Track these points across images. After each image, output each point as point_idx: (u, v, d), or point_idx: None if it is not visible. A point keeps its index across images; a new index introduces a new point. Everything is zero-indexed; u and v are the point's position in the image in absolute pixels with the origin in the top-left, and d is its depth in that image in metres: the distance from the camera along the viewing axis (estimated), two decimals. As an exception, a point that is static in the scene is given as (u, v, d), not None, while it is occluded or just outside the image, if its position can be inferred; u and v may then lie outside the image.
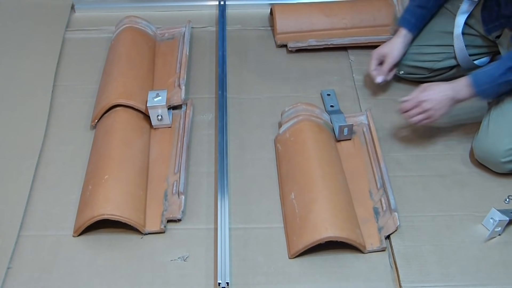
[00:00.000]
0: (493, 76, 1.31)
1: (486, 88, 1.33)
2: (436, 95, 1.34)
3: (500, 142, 1.34)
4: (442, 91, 1.34)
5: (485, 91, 1.34)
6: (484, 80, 1.32)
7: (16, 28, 1.84)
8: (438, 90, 1.35)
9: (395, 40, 1.55)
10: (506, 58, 1.31)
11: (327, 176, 1.32)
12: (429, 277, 1.21)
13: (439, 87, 1.35)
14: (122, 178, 1.32)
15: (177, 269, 1.23)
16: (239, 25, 1.89)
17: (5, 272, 1.21)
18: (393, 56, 1.55)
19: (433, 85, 1.36)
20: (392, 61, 1.55)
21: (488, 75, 1.32)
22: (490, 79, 1.32)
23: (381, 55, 1.57)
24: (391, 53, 1.55)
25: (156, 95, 1.47)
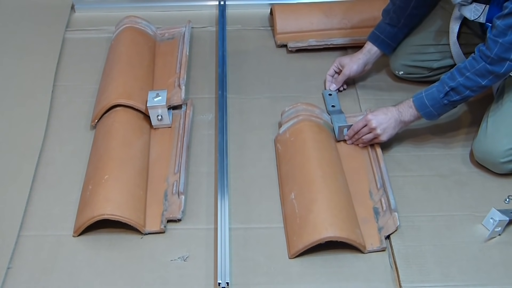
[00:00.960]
0: (435, 99, 1.33)
1: (430, 110, 1.35)
2: (383, 115, 1.38)
3: (499, 143, 1.34)
4: (389, 112, 1.39)
5: (430, 113, 1.36)
6: (427, 103, 1.34)
7: (16, 28, 1.84)
8: (385, 112, 1.39)
9: (358, 54, 1.59)
10: (446, 79, 1.32)
11: (327, 176, 1.32)
12: (429, 277, 1.21)
13: (386, 109, 1.40)
14: (122, 178, 1.32)
15: (177, 269, 1.23)
16: (239, 25, 1.89)
17: (5, 272, 1.21)
18: (350, 69, 1.58)
19: (381, 108, 1.41)
20: (347, 73, 1.59)
21: (430, 97, 1.34)
22: (433, 101, 1.33)
23: (339, 64, 1.61)
24: (349, 66, 1.58)
25: (156, 95, 1.47)
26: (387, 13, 1.54)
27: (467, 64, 1.29)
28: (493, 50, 1.24)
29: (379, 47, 1.57)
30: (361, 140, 1.43)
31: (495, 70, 1.26)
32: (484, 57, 1.26)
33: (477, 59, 1.28)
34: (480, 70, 1.27)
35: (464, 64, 1.30)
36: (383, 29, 1.55)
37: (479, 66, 1.27)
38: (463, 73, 1.29)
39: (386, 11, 1.55)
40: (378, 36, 1.56)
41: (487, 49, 1.25)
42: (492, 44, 1.24)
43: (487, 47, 1.25)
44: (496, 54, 1.24)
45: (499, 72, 1.26)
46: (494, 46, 1.24)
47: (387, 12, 1.54)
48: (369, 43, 1.57)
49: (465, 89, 1.30)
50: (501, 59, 1.24)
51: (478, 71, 1.27)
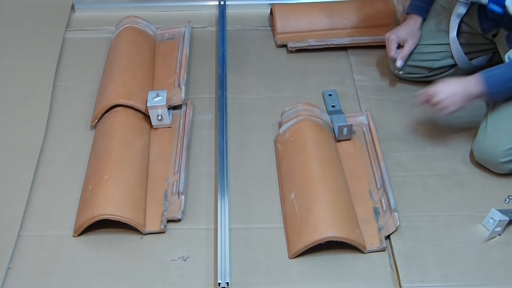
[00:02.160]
0: (505, 79, 1.31)
1: (497, 89, 1.32)
2: (447, 88, 1.34)
3: (499, 143, 1.34)
4: (454, 85, 1.34)
5: (496, 93, 1.33)
6: (496, 82, 1.32)
7: (16, 28, 1.84)
8: (450, 84, 1.35)
9: (412, 25, 1.55)
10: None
11: (327, 176, 1.32)
12: (429, 277, 1.21)
13: (451, 81, 1.35)
14: (122, 178, 1.32)
15: (177, 269, 1.23)
16: (239, 25, 1.89)
17: (5, 272, 1.21)
18: (415, 40, 1.55)
19: (446, 80, 1.36)
20: (413, 44, 1.55)
21: (500, 76, 1.32)
22: (502, 81, 1.31)
23: (401, 40, 1.56)
24: (412, 37, 1.55)
25: (156, 95, 1.47)
26: None
27: None
28: None
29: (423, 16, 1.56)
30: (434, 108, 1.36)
31: None
32: None
33: None
34: None
35: None
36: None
37: None
38: None
39: None
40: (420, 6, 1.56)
41: None
42: None
43: None
44: None
45: None
46: None
47: None
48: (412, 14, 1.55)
49: None
50: None
51: None
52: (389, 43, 1.56)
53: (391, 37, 1.56)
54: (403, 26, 1.57)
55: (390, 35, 1.56)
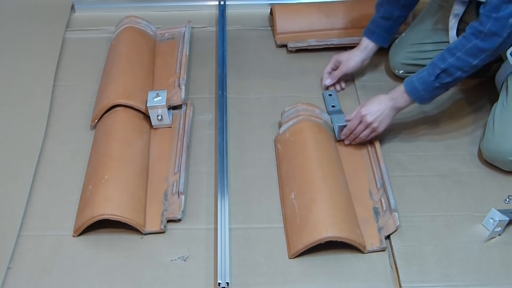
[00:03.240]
0: (427, 82, 1.32)
1: (422, 94, 1.34)
2: (376, 107, 1.37)
3: (507, 141, 1.34)
4: (382, 102, 1.37)
5: (422, 97, 1.35)
6: (419, 86, 1.33)
7: (16, 28, 1.84)
8: (378, 102, 1.37)
9: (355, 51, 1.59)
10: (437, 61, 1.31)
11: (327, 176, 1.32)
12: (429, 277, 1.21)
13: (378, 99, 1.38)
14: (122, 178, 1.32)
15: (177, 269, 1.23)
16: (239, 25, 1.89)
17: (5, 272, 1.21)
18: (347, 65, 1.59)
19: (372, 98, 1.39)
20: (344, 69, 1.59)
21: (422, 81, 1.33)
22: (424, 85, 1.32)
23: (337, 61, 1.61)
24: (347, 62, 1.59)
25: (156, 95, 1.47)
26: (381, 5, 1.53)
27: (458, 44, 1.29)
28: (486, 25, 1.23)
29: (376, 42, 1.56)
30: (359, 139, 1.42)
31: (485, 47, 1.25)
32: (476, 33, 1.25)
33: (467, 38, 1.27)
34: (471, 49, 1.26)
35: (455, 44, 1.29)
36: (378, 23, 1.55)
37: (470, 45, 1.26)
38: (453, 53, 1.28)
39: (379, 4, 1.54)
40: (373, 31, 1.56)
41: (480, 25, 1.24)
42: (485, 19, 1.23)
43: (480, 23, 1.24)
44: (489, 29, 1.23)
45: (490, 49, 1.25)
46: (487, 21, 1.23)
47: (381, 5, 1.53)
48: (365, 39, 1.57)
49: (456, 70, 1.29)
50: (494, 34, 1.23)
51: (469, 50, 1.26)
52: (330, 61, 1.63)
53: (333, 56, 1.62)
54: (346, 52, 1.61)
55: (335, 54, 1.62)
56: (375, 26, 1.56)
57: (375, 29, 1.56)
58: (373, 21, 1.56)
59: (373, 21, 1.56)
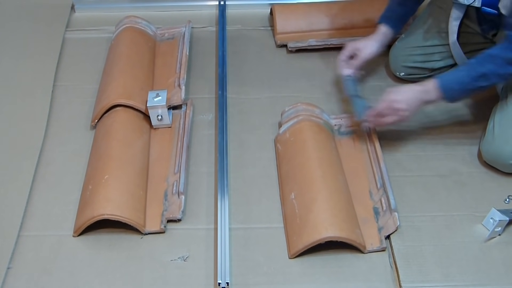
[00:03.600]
0: (462, 83, 1.30)
1: (455, 93, 1.32)
2: (406, 95, 1.34)
3: (507, 144, 1.34)
4: (412, 92, 1.34)
5: (454, 96, 1.33)
6: (453, 86, 1.31)
7: (16, 28, 1.84)
8: (409, 90, 1.34)
9: (372, 36, 1.54)
10: (475, 64, 1.29)
11: (327, 176, 1.32)
12: (429, 277, 1.21)
13: (409, 88, 1.35)
14: (122, 178, 1.32)
15: (177, 269, 1.23)
16: (239, 25, 1.89)
17: (5, 272, 1.21)
18: (366, 52, 1.53)
19: (403, 87, 1.36)
20: (363, 56, 1.54)
21: (457, 81, 1.31)
22: (460, 85, 1.31)
23: (355, 49, 1.55)
24: (365, 49, 1.53)
25: (156, 95, 1.47)
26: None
27: (499, 51, 1.26)
28: None
29: (392, 28, 1.53)
30: (383, 123, 1.38)
31: None
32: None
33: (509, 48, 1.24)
34: None
35: (496, 51, 1.27)
36: (394, 9, 1.53)
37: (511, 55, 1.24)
38: (494, 59, 1.26)
39: None
40: (389, 17, 1.53)
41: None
42: None
43: None
44: None
45: None
46: None
47: None
48: (382, 25, 1.54)
49: (495, 76, 1.28)
50: None
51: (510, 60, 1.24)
52: (344, 49, 1.56)
53: (347, 44, 1.56)
54: (362, 39, 1.55)
55: (349, 43, 1.56)
56: (390, 12, 1.54)
57: (391, 15, 1.54)
58: (388, 8, 1.55)
59: (389, 7, 1.55)
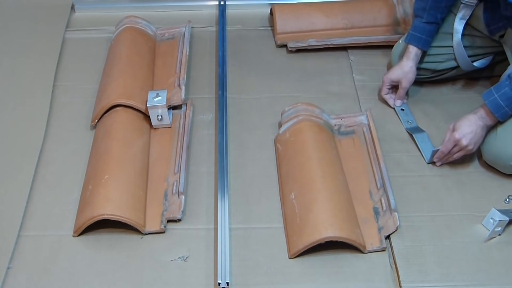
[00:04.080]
0: (510, 98, 1.29)
1: (506, 110, 1.31)
2: (468, 129, 1.34)
3: (509, 146, 1.33)
4: (473, 123, 1.34)
5: (506, 113, 1.32)
6: (503, 103, 1.30)
7: (16, 28, 1.84)
8: (469, 124, 1.35)
9: (407, 63, 1.52)
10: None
11: (327, 176, 1.32)
12: (429, 277, 1.21)
13: (467, 120, 1.35)
14: (122, 178, 1.32)
15: (177, 269, 1.23)
16: (239, 25, 1.89)
17: (5, 272, 1.21)
18: (408, 81, 1.53)
19: (461, 120, 1.36)
20: (407, 85, 1.54)
21: (505, 97, 1.30)
22: (508, 101, 1.30)
23: (394, 81, 1.55)
24: (406, 78, 1.53)
25: (156, 95, 1.47)
26: (423, 10, 1.48)
27: None
28: None
29: (423, 48, 1.51)
30: (452, 159, 1.40)
31: None
32: None
33: None
34: None
35: None
36: (423, 29, 1.49)
37: None
38: None
39: (421, 9, 1.48)
40: (419, 38, 1.50)
41: None
42: None
43: None
44: None
45: None
46: None
47: (423, 10, 1.48)
48: (413, 47, 1.51)
49: None
50: None
51: None
52: (382, 84, 1.58)
53: (384, 79, 1.56)
54: (396, 68, 1.54)
55: (386, 76, 1.56)
56: (420, 32, 1.50)
57: (421, 35, 1.50)
58: (416, 27, 1.50)
59: (416, 27, 1.50)
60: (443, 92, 1.64)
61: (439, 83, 1.65)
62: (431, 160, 1.44)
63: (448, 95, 1.63)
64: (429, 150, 1.44)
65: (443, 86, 1.65)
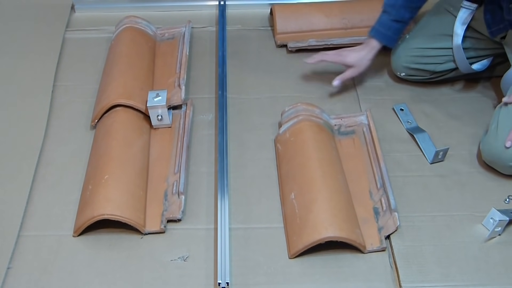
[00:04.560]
0: None
1: None
2: None
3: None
4: None
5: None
6: None
7: (16, 28, 1.84)
8: None
9: (367, 55, 1.53)
10: None
11: (327, 176, 1.32)
12: (429, 277, 1.21)
13: None
14: (122, 178, 1.32)
15: (177, 269, 1.23)
16: (239, 25, 1.89)
17: (5, 272, 1.21)
18: (359, 71, 1.55)
19: None
20: (358, 72, 1.55)
21: None
22: None
23: (345, 65, 1.56)
24: (360, 66, 1.54)
25: (156, 95, 1.47)
26: (392, 7, 1.48)
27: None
28: None
29: (387, 43, 1.53)
30: None
31: None
32: None
33: None
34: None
35: None
36: (389, 26, 1.50)
37: None
38: None
39: (391, 6, 1.48)
40: (384, 34, 1.51)
41: None
42: None
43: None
44: None
45: None
46: None
47: (392, 7, 1.48)
48: (374, 40, 1.52)
49: None
50: None
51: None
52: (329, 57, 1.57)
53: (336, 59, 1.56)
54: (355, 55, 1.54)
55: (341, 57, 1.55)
56: (386, 28, 1.51)
57: (386, 32, 1.51)
58: (383, 23, 1.51)
59: (383, 23, 1.51)
60: (443, 92, 1.64)
61: (439, 84, 1.65)
62: (434, 161, 1.44)
63: (448, 95, 1.63)
64: (431, 150, 1.44)
65: (443, 86, 1.65)
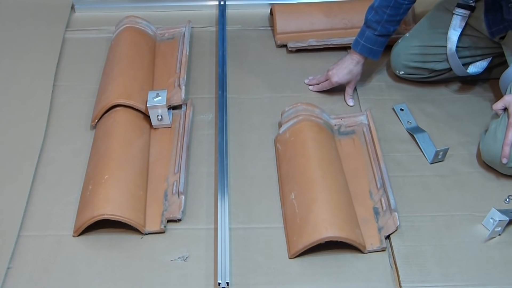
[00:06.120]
0: None
1: None
2: None
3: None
4: None
5: None
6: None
7: (16, 28, 1.84)
8: None
9: (356, 68, 1.56)
10: None
11: (327, 176, 1.32)
12: (429, 277, 1.21)
13: None
14: (122, 178, 1.32)
15: (177, 269, 1.23)
16: (239, 25, 1.89)
17: (5, 272, 1.21)
18: (356, 81, 1.59)
19: None
20: (354, 85, 1.60)
21: None
22: None
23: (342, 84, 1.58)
24: (355, 80, 1.58)
25: (156, 95, 1.47)
26: (377, 24, 1.47)
27: None
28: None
29: (373, 58, 1.54)
30: None
31: None
32: None
33: None
34: None
35: None
36: (375, 40, 1.50)
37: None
38: None
39: (376, 22, 1.47)
40: (370, 49, 1.51)
41: None
42: None
43: None
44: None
45: None
46: None
47: (377, 23, 1.47)
48: (359, 55, 1.53)
49: None
50: None
51: None
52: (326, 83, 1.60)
53: (332, 82, 1.58)
54: (345, 73, 1.56)
55: (333, 80, 1.58)
56: (371, 43, 1.50)
57: (372, 46, 1.51)
58: (368, 39, 1.50)
59: (369, 39, 1.50)
60: (443, 92, 1.64)
61: (439, 84, 1.65)
62: (434, 161, 1.44)
63: (448, 95, 1.63)
64: (431, 150, 1.44)
65: (443, 86, 1.65)
